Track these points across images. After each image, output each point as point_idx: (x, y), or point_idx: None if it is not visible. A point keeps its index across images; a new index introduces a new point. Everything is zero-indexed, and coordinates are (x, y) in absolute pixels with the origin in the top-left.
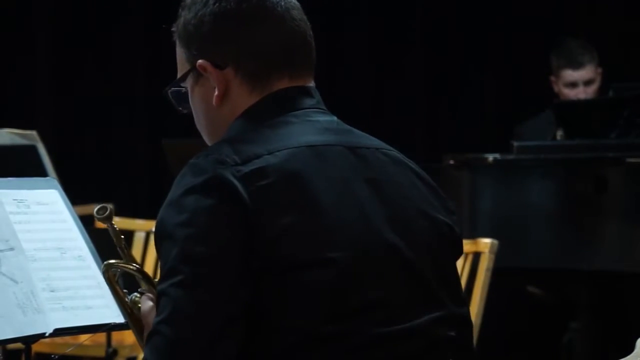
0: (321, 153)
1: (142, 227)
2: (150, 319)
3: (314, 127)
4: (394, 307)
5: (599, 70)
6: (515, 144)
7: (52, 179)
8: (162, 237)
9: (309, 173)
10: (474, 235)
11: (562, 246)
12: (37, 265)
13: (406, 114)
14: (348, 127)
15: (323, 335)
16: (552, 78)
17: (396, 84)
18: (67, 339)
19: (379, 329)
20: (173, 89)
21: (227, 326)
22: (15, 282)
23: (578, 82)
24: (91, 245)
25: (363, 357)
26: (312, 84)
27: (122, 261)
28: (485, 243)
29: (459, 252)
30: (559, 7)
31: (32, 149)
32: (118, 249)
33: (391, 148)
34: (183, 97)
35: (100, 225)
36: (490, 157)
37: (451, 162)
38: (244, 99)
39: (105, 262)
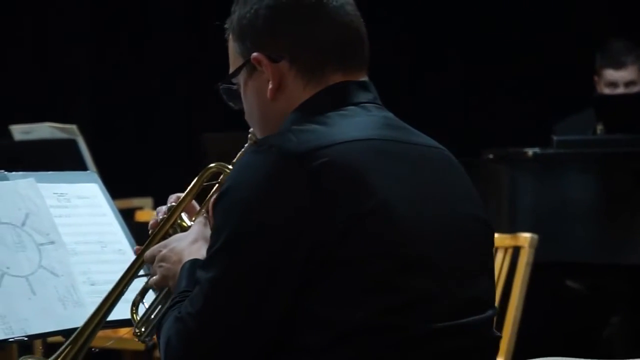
0: (383, 148)
1: None
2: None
3: (373, 121)
4: (448, 303)
5: None
6: (555, 138)
7: (92, 172)
8: (217, 218)
9: (372, 168)
10: (514, 229)
11: (601, 240)
12: (78, 259)
13: (445, 108)
14: (403, 123)
15: (376, 327)
16: (595, 78)
17: (435, 77)
18: (108, 332)
19: (432, 324)
20: (225, 84)
21: (253, 330)
22: (56, 275)
23: (618, 82)
24: (131, 238)
25: (414, 349)
26: (366, 78)
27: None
28: (525, 237)
29: (493, 247)
30: (600, 4)
31: (72, 143)
32: None
33: (442, 147)
34: (235, 93)
35: (139, 218)
36: (530, 152)
37: (490, 156)
38: (298, 92)
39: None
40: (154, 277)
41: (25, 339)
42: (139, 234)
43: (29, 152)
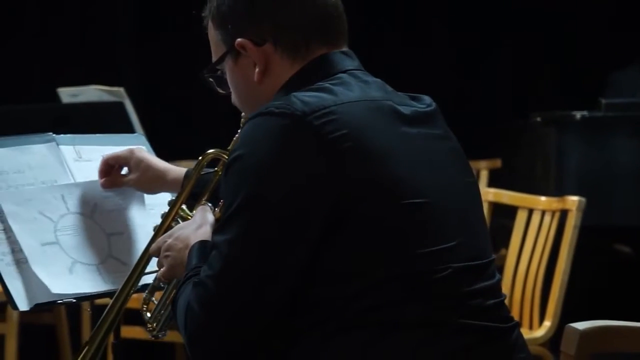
0: (383, 107)
1: None
2: (200, 232)
3: (366, 85)
4: (463, 249)
5: None
6: (603, 101)
7: (140, 135)
8: (229, 184)
9: (377, 125)
10: (561, 192)
11: None
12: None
13: (493, 71)
14: (391, 88)
15: (400, 274)
16: None
17: (484, 41)
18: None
19: (452, 265)
20: (210, 73)
21: (274, 289)
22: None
23: None
24: None
25: (438, 290)
26: (347, 48)
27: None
28: (573, 201)
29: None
30: None
31: (120, 105)
32: None
33: (432, 104)
34: (222, 79)
35: None
36: (578, 115)
37: (538, 119)
38: (285, 71)
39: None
40: (162, 269)
41: (74, 300)
42: None
43: (77, 115)
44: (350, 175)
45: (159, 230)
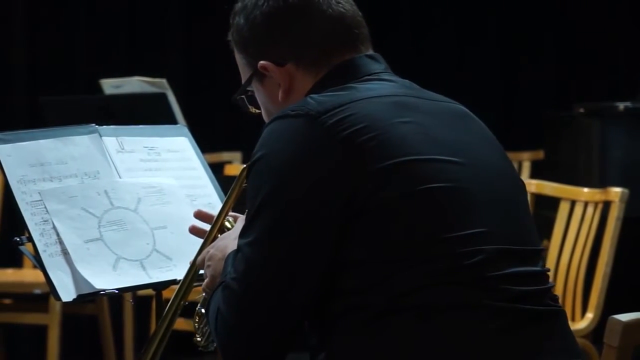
0: (405, 102)
1: None
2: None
3: (390, 85)
4: (491, 232)
5: None
6: None
7: (182, 126)
8: (250, 188)
9: (395, 117)
10: (604, 184)
11: None
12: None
13: (536, 63)
14: (419, 87)
15: (425, 258)
16: None
17: (527, 34)
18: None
19: (482, 248)
20: (241, 94)
21: (298, 287)
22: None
23: None
24: (220, 192)
25: (464, 275)
26: (372, 52)
27: None
28: (616, 192)
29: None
30: None
31: (162, 96)
32: None
33: (458, 103)
34: (251, 100)
35: (228, 172)
36: (622, 106)
37: (581, 110)
38: (310, 84)
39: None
40: (205, 280)
41: (116, 292)
42: (228, 187)
43: (119, 106)
44: (369, 166)
45: (205, 241)
